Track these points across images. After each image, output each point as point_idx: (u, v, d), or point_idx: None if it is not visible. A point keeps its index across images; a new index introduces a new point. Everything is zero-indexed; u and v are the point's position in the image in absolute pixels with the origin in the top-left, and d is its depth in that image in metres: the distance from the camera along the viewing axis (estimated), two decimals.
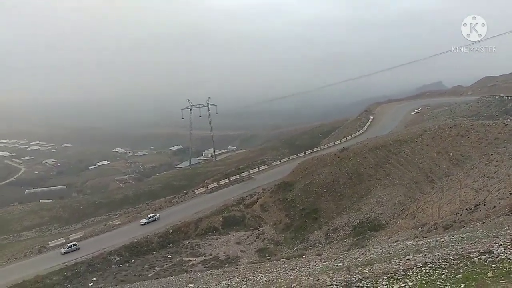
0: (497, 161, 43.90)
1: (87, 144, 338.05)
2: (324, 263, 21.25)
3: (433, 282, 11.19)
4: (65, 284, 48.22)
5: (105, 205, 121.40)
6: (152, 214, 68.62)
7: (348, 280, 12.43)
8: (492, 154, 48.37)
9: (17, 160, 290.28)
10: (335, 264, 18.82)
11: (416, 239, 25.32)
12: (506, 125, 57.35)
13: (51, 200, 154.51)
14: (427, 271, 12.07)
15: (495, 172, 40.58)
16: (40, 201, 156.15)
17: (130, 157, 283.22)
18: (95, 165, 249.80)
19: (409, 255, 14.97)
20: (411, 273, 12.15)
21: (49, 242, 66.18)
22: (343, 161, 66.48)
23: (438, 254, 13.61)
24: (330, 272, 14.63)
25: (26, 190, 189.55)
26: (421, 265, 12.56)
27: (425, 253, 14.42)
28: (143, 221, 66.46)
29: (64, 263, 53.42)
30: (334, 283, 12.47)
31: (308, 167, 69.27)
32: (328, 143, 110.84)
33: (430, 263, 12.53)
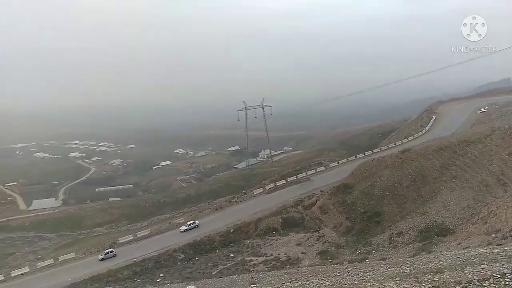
0: None
1: (150, 145, 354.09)
2: (390, 269, 21.00)
3: None
4: (135, 279, 51.30)
5: (169, 204, 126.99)
6: (192, 221, 68.38)
7: None
8: None
9: (87, 160, 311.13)
10: (402, 271, 18.56)
11: (490, 247, 24.28)
12: None
13: (119, 199, 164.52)
14: (507, 283, 11.42)
15: None
16: (109, 199, 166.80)
17: (191, 158, 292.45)
18: (159, 165, 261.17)
19: (484, 264, 14.46)
20: (487, 284, 11.51)
21: (119, 239, 70.61)
22: (405, 162, 64.44)
23: None
24: (396, 279, 14.39)
25: (97, 189, 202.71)
26: (499, 276, 11.94)
27: (503, 263, 13.91)
28: (183, 228, 66.50)
29: (133, 259, 56.79)
30: None
31: (368, 169, 67.92)
32: (388, 144, 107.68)
33: (510, 274, 11.95)
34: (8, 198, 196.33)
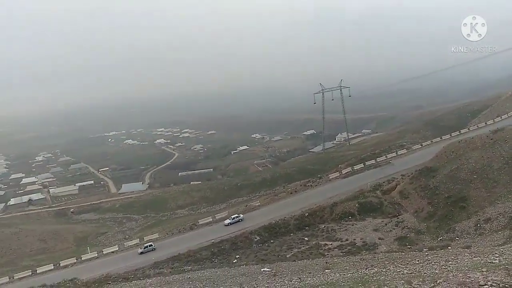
0: None
1: (229, 131, 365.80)
2: (475, 258, 19.23)
3: None
4: (213, 259, 53.17)
5: (246, 187, 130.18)
6: (236, 215, 67.26)
7: (507, 282, 10.84)
8: None
9: (171, 146, 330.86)
10: (489, 261, 16.88)
11: None
12: None
13: (200, 182, 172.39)
14: None
15: None
16: (191, 182, 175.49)
17: (267, 142, 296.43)
18: (237, 150, 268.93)
19: None
20: None
21: (198, 220, 73.86)
22: (497, 143, 58.68)
23: None
24: (483, 270, 13.05)
25: (180, 173, 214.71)
26: None
27: None
28: (227, 221, 65.52)
29: (212, 240, 58.98)
30: (489, 283, 10.99)
31: (455, 151, 63.07)
32: (478, 124, 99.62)
33: None
34: (101, 182, 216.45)
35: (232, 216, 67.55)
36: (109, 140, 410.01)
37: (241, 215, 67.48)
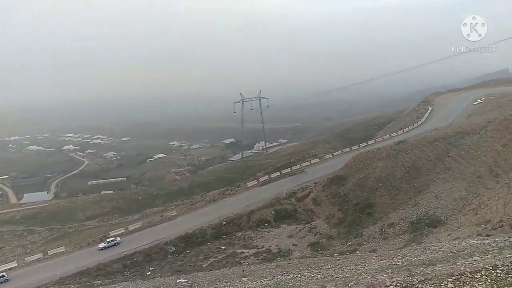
0: None
1: (145, 138, 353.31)
2: (381, 261, 20.44)
3: (506, 287, 10.24)
4: (125, 272, 50.32)
5: (162, 197, 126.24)
6: (112, 238, 61.44)
7: (409, 281, 11.68)
8: None
9: (80, 153, 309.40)
10: (394, 263, 18.02)
11: (480, 237, 23.74)
12: None
13: (111, 192, 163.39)
14: (498, 274, 11.03)
15: None
16: (102, 192, 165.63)
17: (185, 150, 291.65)
18: (153, 158, 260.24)
19: (476, 255, 13.93)
20: (479, 276, 11.16)
21: (109, 232, 69.68)
22: (400, 154, 64.02)
23: (509, 256, 12.53)
24: (388, 271, 13.93)
25: (89, 182, 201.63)
26: (491, 268, 11.50)
27: (494, 254, 13.33)
28: (101, 245, 60.10)
29: (124, 252, 55.99)
30: (394, 283, 11.75)
31: (363, 161, 67.39)
32: (383, 136, 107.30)
33: (502, 266, 11.46)
34: None
35: (108, 240, 61.38)
36: (10, 145, 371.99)
37: (118, 238, 61.76)
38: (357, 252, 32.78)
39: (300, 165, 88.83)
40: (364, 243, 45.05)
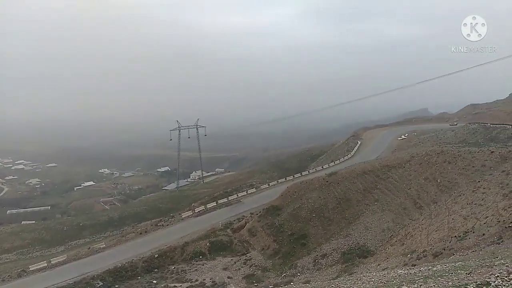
0: (484, 188, 44.10)
1: (73, 164, 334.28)
2: None
3: None
4: None
5: (90, 227, 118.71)
6: None
7: None
8: (479, 181, 48.63)
9: (0, 179, 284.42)
10: None
11: (406, 267, 24.92)
12: (492, 152, 58.03)
13: (33, 222, 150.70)
14: None
15: (482, 199, 40.70)
16: (22, 222, 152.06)
17: (116, 178, 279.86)
18: (81, 186, 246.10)
19: (404, 285, 14.55)
20: None
21: (29, 266, 63.87)
22: (331, 185, 66.30)
23: (433, 285, 13.25)
24: None
25: (8, 211, 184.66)
26: None
27: (420, 284, 14.02)
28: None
29: None
30: None
31: (297, 191, 68.80)
32: (316, 167, 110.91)
33: None
34: None
35: None
36: None
37: None
38: (291, 283, 32.89)
39: (237, 195, 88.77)
40: (299, 274, 45.38)
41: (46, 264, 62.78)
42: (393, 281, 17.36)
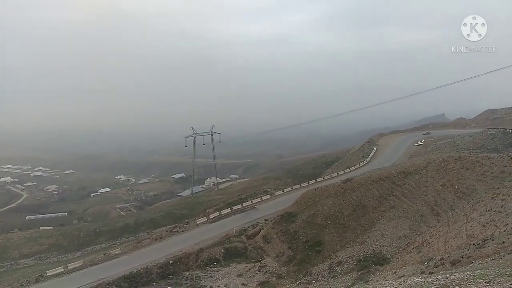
0: (503, 195, 43.20)
1: (90, 171, 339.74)
2: None
3: None
4: None
5: (106, 233, 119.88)
6: None
7: None
8: (498, 188, 47.65)
9: (19, 186, 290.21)
10: None
11: (423, 275, 24.48)
12: (511, 158, 56.82)
13: (51, 227, 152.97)
14: None
15: (502, 206, 39.85)
16: (40, 228, 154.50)
17: (132, 185, 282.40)
18: (97, 192, 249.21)
19: None
20: None
21: (47, 271, 64.84)
22: (347, 192, 65.66)
23: None
24: None
25: (27, 217, 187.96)
26: None
27: None
28: None
29: None
30: None
31: (312, 198, 68.35)
32: (331, 174, 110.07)
33: None
34: None
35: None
36: None
37: None
38: None
39: (251, 202, 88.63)
40: (313, 281, 44.98)
41: (63, 270, 63.60)
42: None
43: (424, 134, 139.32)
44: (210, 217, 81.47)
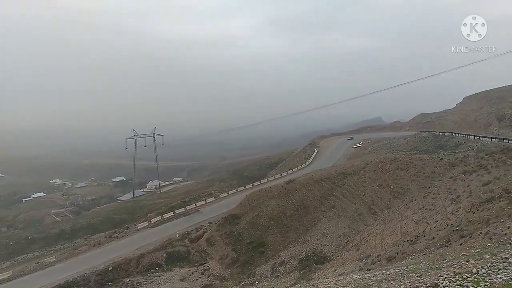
0: (434, 194, 46.05)
1: (22, 174, 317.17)
2: None
3: None
4: None
5: (39, 241, 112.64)
6: None
7: None
8: (429, 187, 50.77)
9: None
10: None
11: (362, 272, 25.36)
12: (441, 159, 60.78)
13: None
14: None
15: (432, 204, 42.42)
16: None
17: (68, 189, 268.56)
18: (30, 197, 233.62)
19: None
20: None
21: None
22: (290, 193, 66.77)
23: None
24: None
25: None
26: None
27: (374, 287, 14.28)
28: None
29: None
30: None
31: (256, 199, 68.70)
32: (275, 175, 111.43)
33: None
34: None
35: None
36: None
37: None
38: None
39: (195, 205, 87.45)
40: (257, 282, 45.13)
41: None
42: (348, 286, 17.56)
43: (348, 139, 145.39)
44: (152, 222, 79.36)
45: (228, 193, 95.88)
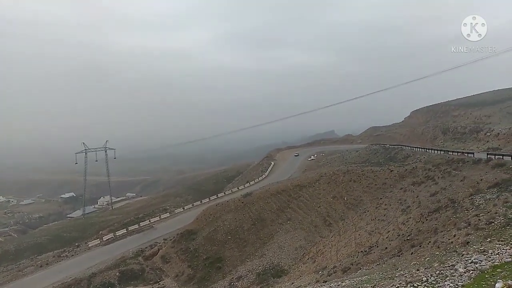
0: (385, 205, 47.73)
1: None
2: None
3: None
4: None
5: None
6: None
7: None
8: (381, 198, 52.58)
9: None
10: None
11: (318, 284, 25.70)
12: (391, 171, 63.15)
13: None
14: None
15: (384, 215, 43.93)
16: None
17: (13, 206, 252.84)
18: None
19: None
20: None
21: None
22: (247, 206, 66.78)
23: None
24: None
25: None
26: None
27: None
28: None
29: None
30: None
31: (213, 214, 68.11)
32: (232, 188, 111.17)
33: None
34: None
35: None
36: None
37: None
38: None
39: (149, 221, 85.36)
40: None
41: None
42: None
43: (295, 155, 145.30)
44: (104, 239, 76.48)
45: (184, 208, 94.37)
